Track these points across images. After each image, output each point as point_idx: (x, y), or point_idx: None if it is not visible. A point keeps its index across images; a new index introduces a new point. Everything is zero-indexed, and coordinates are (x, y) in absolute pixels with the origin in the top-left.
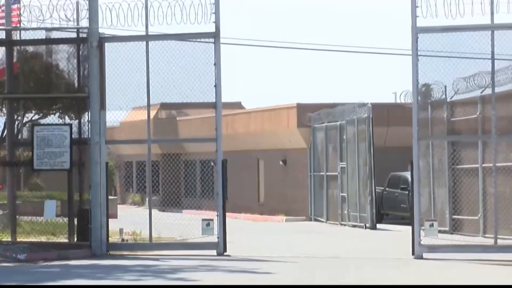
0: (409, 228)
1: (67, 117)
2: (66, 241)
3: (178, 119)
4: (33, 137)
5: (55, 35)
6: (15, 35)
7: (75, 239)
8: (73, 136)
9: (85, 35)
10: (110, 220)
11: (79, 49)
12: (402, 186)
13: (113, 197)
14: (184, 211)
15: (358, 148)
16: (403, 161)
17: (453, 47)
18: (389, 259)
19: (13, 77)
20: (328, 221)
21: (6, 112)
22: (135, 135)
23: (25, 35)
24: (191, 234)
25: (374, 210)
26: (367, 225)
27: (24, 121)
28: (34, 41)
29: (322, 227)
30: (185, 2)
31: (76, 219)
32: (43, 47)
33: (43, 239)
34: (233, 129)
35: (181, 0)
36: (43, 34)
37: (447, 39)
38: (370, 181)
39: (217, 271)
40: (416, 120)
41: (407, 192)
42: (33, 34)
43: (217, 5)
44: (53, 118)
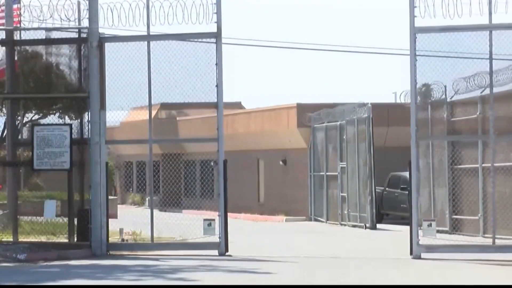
0: (409, 228)
1: (67, 117)
2: (66, 241)
3: (178, 119)
4: (33, 137)
5: (55, 35)
6: (15, 35)
7: (75, 239)
8: (73, 136)
9: (85, 35)
10: (110, 220)
11: (80, 49)
12: (402, 186)
13: (113, 197)
14: (184, 211)
15: (358, 148)
16: (403, 161)
17: (452, 47)
18: (388, 259)
19: (14, 77)
20: (328, 221)
21: (6, 112)
22: (135, 135)
23: (25, 35)
24: (192, 234)
25: (374, 210)
26: (367, 225)
27: (24, 121)
28: (35, 41)
29: (322, 227)
30: (187, 2)
31: (76, 219)
32: (43, 47)
33: (43, 239)
34: (233, 129)
35: (182, 0)
36: (43, 34)
37: (445, 39)
38: (370, 181)
39: (218, 271)
40: (414, 120)
41: (407, 192)
42: (33, 34)
43: (219, 5)
44: (53, 118)
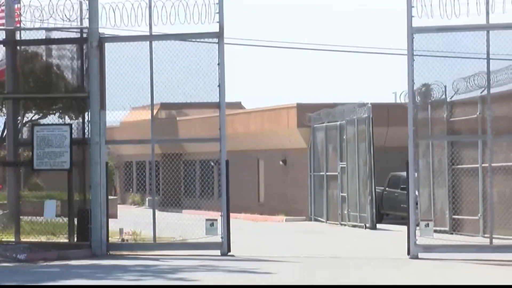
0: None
1: (67, 117)
2: (66, 241)
3: (178, 119)
4: (33, 137)
5: (55, 35)
6: (16, 35)
7: (75, 239)
8: (73, 136)
9: (85, 35)
10: (110, 220)
11: (80, 49)
12: (402, 186)
13: (113, 197)
14: (184, 211)
15: (358, 148)
16: (403, 161)
17: (449, 47)
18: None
19: (15, 77)
20: (328, 221)
21: (6, 112)
22: (136, 135)
23: (25, 35)
24: (193, 234)
25: (374, 210)
26: (367, 225)
27: (24, 121)
28: (36, 41)
29: (322, 227)
30: (189, 2)
31: (76, 219)
32: (43, 47)
33: (43, 239)
34: (233, 129)
35: (184, 0)
36: (43, 34)
37: (442, 39)
38: (370, 181)
39: (218, 271)
40: (411, 120)
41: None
42: (33, 34)
43: (221, 5)
44: (53, 118)
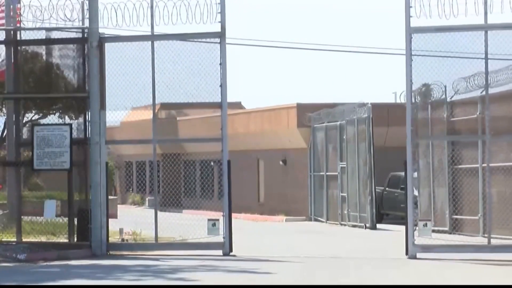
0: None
1: (67, 117)
2: (66, 241)
3: (178, 119)
4: (33, 137)
5: (55, 35)
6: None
7: (75, 239)
8: (73, 136)
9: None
10: (110, 220)
11: (81, 49)
12: (402, 186)
13: (113, 197)
14: (184, 211)
15: (358, 148)
16: (403, 161)
17: (448, 47)
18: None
19: (16, 77)
20: (328, 221)
21: (6, 112)
22: (136, 135)
23: (25, 35)
24: (195, 234)
25: (374, 210)
26: (367, 225)
27: (24, 121)
28: (37, 41)
29: (322, 227)
30: (191, 2)
31: (76, 219)
32: (43, 47)
33: (43, 239)
34: (233, 129)
35: (186, 0)
36: (43, 34)
37: (441, 39)
38: (370, 181)
39: (218, 271)
40: (409, 120)
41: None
42: (33, 34)
43: (223, 4)
44: (53, 118)
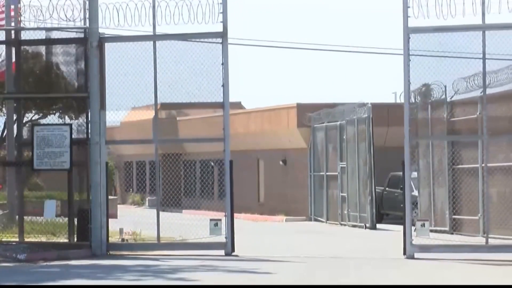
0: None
1: (67, 117)
2: (66, 241)
3: (178, 119)
4: (33, 137)
5: (55, 35)
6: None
7: (75, 239)
8: (73, 136)
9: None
10: (110, 220)
11: (83, 49)
12: (402, 186)
13: (113, 197)
14: (184, 211)
15: (358, 148)
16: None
17: (446, 47)
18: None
19: (17, 76)
20: (328, 221)
21: (6, 112)
22: (137, 135)
23: (25, 35)
24: (197, 234)
25: (374, 210)
26: (367, 225)
27: (24, 121)
28: (38, 41)
29: (322, 227)
30: (193, 2)
31: (76, 219)
32: (43, 47)
33: (43, 239)
34: (233, 129)
35: (188, 0)
36: (43, 34)
37: (439, 39)
38: (370, 181)
39: (218, 271)
40: (407, 120)
41: None
42: (33, 34)
43: (225, 4)
44: (53, 118)
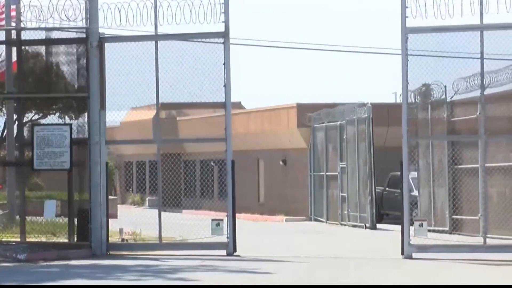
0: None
1: (67, 117)
2: (66, 241)
3: (178, 119)
4: (33, 137)
5: (55, 35)
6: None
7: (75, 239)
8: (73, 136)
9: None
10: (110, 220)
11: (84, 49)
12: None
13: (113, 197)
14: (184, 211)
15: (358, 148)
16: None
17: (444, 47)
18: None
19: (18, 77)
20: (328, 221)
21: (6, 112)
22: (136, 135)
23: (25, 35)
24: (199, 234)
25: (374, 210)
26: (367, 225)
27: (24, 121)
28: (38, 41)
29: (322, 227)
30: (194, 2)
31: (76, 219)
32: (43, 47)
33: (43, 239)
34: (233, 129)
35: (190, 0)
36: (43, 34)
37: (437, 40)
38: (370, 181)
39: (219, 271)
40: (405, 120)
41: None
42: (33, 34)
43: (227, 4)
44: (53, 118)
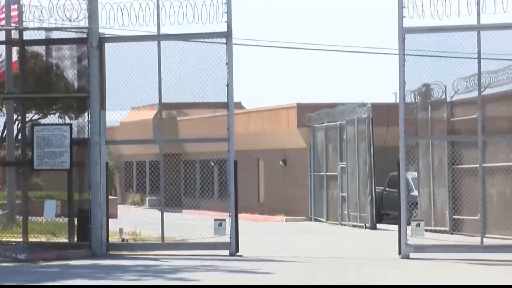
0: (410, 228)
1: (67, 117)
2: (66, 241)
3: (178, 119)
4: (33, 137)
5: (55, 35)
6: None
7: (75, 239)
8: (73, 136)
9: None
10: (110, 220)
11: (85, 49)
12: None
13: (113, 197)
14: (184, 211)
15: (358, 148)
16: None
17: (441, 47)
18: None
19: (22, 76)
20: (328, 221)
21: (6, 112)
22: (136, 135)
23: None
24: (201, 234)
25: (374, 210)
26: (367, 225)
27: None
28: (38, 41)
29: (322, 227)
30: (197, 2)
31: (76, 219)
32: (43, 47)
33: (43, 239)
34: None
35: (192, 0)
36: (43, 34)
37: (434, 40)
38: (370, 181)
39: (219, 271)
40: (402, 120)
41: (407, 191)
42: (33, 34)
43: (229, 4)
44: (53, 118)
